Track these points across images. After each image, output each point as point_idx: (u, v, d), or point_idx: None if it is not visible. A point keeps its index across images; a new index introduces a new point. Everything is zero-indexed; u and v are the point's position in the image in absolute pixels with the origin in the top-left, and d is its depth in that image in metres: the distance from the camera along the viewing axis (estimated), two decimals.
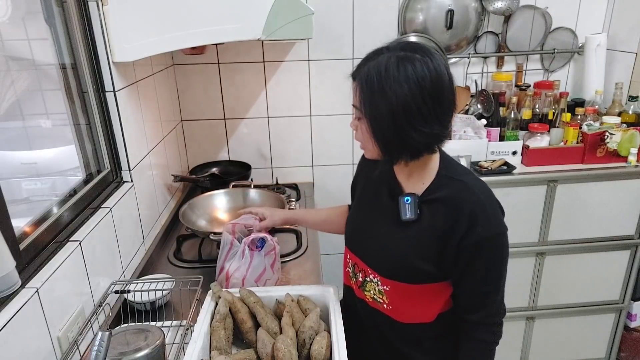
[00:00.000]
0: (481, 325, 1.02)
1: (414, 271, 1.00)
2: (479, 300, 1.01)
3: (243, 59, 2.12)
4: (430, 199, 0.99)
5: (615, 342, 2.25)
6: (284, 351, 0.95)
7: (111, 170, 1.41)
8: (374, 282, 1.06)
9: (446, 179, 0.99)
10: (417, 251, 0.99)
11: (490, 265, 0.97)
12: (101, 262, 1.23)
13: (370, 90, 0.91)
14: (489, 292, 0.99)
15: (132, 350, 0.96)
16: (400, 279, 1.02)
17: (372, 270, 1.06)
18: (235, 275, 1.26)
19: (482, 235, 0.93)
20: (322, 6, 2.03)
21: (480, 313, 1.01)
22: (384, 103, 0.89)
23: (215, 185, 1.95)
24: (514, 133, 2.02)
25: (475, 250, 0.94)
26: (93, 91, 1.33)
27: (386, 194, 1.06)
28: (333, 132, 2.27)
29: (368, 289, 1.09)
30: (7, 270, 0.82)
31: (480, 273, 0.97)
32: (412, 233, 0.99)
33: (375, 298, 1.08)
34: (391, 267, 1.02)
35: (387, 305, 1.06)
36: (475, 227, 0.93)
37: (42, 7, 1.21)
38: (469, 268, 0.97)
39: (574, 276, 2.10)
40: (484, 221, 0.93)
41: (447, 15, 2.10)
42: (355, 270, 1.12)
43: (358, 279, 1.11)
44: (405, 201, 0.99)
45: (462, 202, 0.95)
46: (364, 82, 0.92)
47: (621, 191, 1.95)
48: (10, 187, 1.27)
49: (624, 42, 2.13)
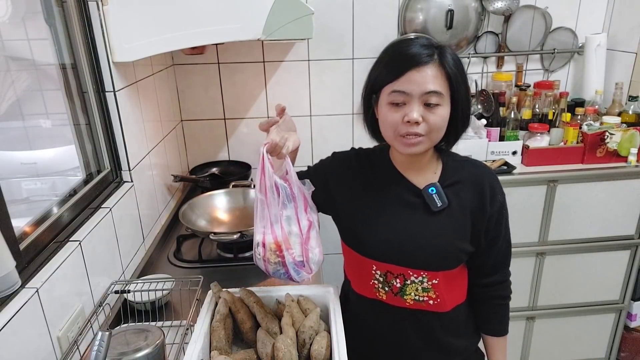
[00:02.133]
0: (500, 284, 1.12)
1: (458, 254, 1.04)
2: (500, 261, 1.10)
3: (243, 59, 2.12)
4: (450, 183, 1.04)
5: (615, 342, 2.25)
6: (284, 351, 0.95)
7: (111, 170, 1.41)
8: (416, 282, 1.04)
9: (454, 163, 1.07)
10: (457, 233, 1.03)
11: (507, 225, 1.09)
12: (101, 262, 1.23)
13: (459, 73, 0.96)
14: (507, 249, 1.10)
15: (132, 350, 0.96)
16: (448, 266, 1.04)
17: (415, 270, 1.03)
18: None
19: (500, 200, 1.05)
20: (322, 6, 2.03)
21: (499, 272, 1.11)
22: (464, 86, 0.98)
23: (215, 185, 1.95)
24: (514, 133, 2.02)
25: (498, 215, 1.05)
26: (93, 91, 1.33)
27: (407, 193, 1.05)
28: (333, 132, 2.27)
29: (408, 292, 1.05)
30: (7, 270, 0.82)
31: (502, 235, 1.07)
32: (445, 219, 1.03)
33: (417, 299, 1.06)
34: (438, 257, 1.03)
35: (433, 300, 1.05)
36: (496, 195, 1.04)
37: (42, 7, 1.21)
38: (494, 233, 1.05)
39: (574, 276, 2.10)
40: (499, 188, 1.06)
41: (447, 15, 2.10)
42: (387, 279, 1.06)
43: (394, 286, 1.06)
44: (431, 192, 1.02)
45: (480, 177, 1.05)
46: (452, 65, 0.95)
47: (621, 191, 1.95)
48: (10, 187, 1.27)
49: (624, 42, 2.13)
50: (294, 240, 1.04)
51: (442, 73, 0.94)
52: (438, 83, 0.93)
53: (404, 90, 0.93)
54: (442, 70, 0.94)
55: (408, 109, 0.94)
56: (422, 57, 0.93)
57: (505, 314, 1.15)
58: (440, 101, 0.94)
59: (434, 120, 0.94)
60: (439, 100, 0.94)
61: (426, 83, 0.92)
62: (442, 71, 0.94)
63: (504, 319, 1.15)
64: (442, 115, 0.95)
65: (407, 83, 0.93)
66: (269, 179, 0.99)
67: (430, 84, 0.92)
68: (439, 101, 0.94)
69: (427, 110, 0.94)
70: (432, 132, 0.96)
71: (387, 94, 0.96)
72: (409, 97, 0.94)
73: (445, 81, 0.94)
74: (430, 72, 0.93)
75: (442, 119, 0.96)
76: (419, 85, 0.92)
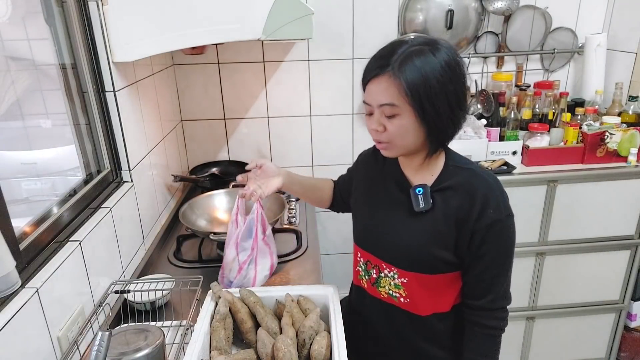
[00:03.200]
0: (487, 311, 1.04)
1: (432, 260, 1.02)
2: (486, 285, 1.02)
3: (243, 59, 2.12)
4: (441, 187, 1.02)
5: (615, 342, 2.25)
6: (284, 351, 0.95)
7: (111, 170, 1.41)
8: (389, 276, 1.07)
9: (454, 169, 1.03)
10: (435, 240, 1.01)
11: (500, 248, 1.00)
12: (101, 262, 1.23)
13: (420, 77, 0.89)
14: (497, 275, 1.02)
15: (132, 350, 0.96)
16: (420, 269, 1.03)
17: (388, 264, 1.06)
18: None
19: (493, 217, 0.97)
20: (322, 6, 2.03)
21: (486, 298, 1.03)
22: (433, 91, 0.90)
23: (215, 185, 1.95)
24: (514, 133, 2.02)
25: (487, 232, 0.97)
26: (93, 91, 1.33)
27: (396, 189, 1.08)
28: (333, 132, 2.27)
29: (382, 285, 1.09)
30: (7, 270, 0.82)
31: (490, 255, 1.00)
32: (427, 222, 1.01)
33: (390, 293, 1.08)
34: (410, 258, 1.03)
35: (403, 299, 1.07)
36: (487, 209, 0.97)
37: (42, 7, 1.21)
38: (480, 251, 0.99)
39: (574, 276, 2.10)
40: (494, 204, 0.98)
41: (447, 15, 2.10)
42: (367, 268, 1.12)
43: (371, 276, 1.11)
44: (417, 192, 1.02)
45: (473, 187, 0.99)
46: (412, 73, 0.89)
47: (621, 191, 1.95)
48: (10, 187, 1.27)
49: (624, 42, 2.13)
50: (233, 266, 1.30)
51: (396, 84, 0.90)
52: (390, 94, 0.92)
53: (367, 102, 0.98)
54: (396, 81, 0.90)
55: (372, 118, 0.99)
56: (372, 71, 0.95)
57: (491, 346, 1.05)
58: (395, 112, 0.93)
59: (390, 129, 0.96)
60: (394, 111, 0.94)
61: (379, 95, 0.94)
62: (396, 82, 0.90)
63: (489, 350, 1.06)
64: (400, 124, 0.94)
65: (368, 95, 0.97)
66: (234, 215, 1.29)
67: (381, 96, 0.94)
68: (393, 112, 0.94)
69: (386, 120, 0.96)
70: (394, 141, 0.98)
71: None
72: (372, 107, 0.98)
73: (400, 91, 0.90)
74: (381, 85, 0.93)
75: (400, 128, 0.95)
76: (373, 97, 0.96)
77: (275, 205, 1.68)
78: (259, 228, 1.29)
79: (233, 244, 1.28)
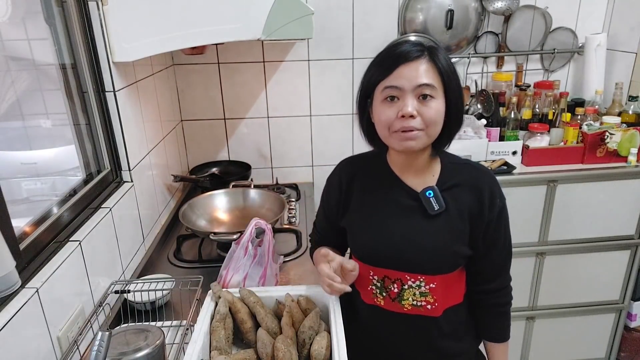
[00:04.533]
0: (501, 290, 1.10)
1: (456, 258, 1.03)
2: (499, 267, 1.08)
3: (243, 59, 2.12)
4: (448, 186, 1.03)
5: (615, 342, 2.25)
6: (284, 351, 0.95)
7: (111, 170, 1.41)
8: (414, 286, 1.03)
9: (452, 166, 1.06)
10: (454, 237, 1.02)
11: (507, 230, 1.07)
12: (101, 262, 1.23)
13: (451, 70, 0.96)
14: (507, 256, 1.09)
15: (132, 350, 0.96)
16: (445, 270, 1.03)
17: (412, 274, 1.03)
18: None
19: (500, 205, 1.03)
20: (322, 6, 2.03)
21: (499, 279, 1.09)
22: (456, 82, 0.97)
23: (215, 185, 1.95)
24: (514, 133, 2.02)
25: (498, 220, 1.03)
26: (93, 91, 1.33)
27: (402, 197, 1.05)
28: (333, 132, 2.27)
29: (406, 297, 1.05)
30: (7, 270, 0.82)
31: (501, 240, 1.06)
32: (443, 223, 1.02)
33: (414, 304, 1.05)
34: (435, 261, 1.02)
35: (430, 305, 1.05)
36: (495, 199, 1.02)
37: (42, 7, 1.21)
38: (494, 238, 1.04)
39: (574, 276, 2.10)
40: (498, 192, 1.04)
41: (447, 15, 2.10)
42: (385, 285, 1.06)
43: (391, 291, 1.06)
44: (428, 195, 1.01)
45: (479, 181, 1.03)
46: (443, 61, 0.95)
47: (621, 191, 1.95)
48: (10, 187, 1.27)
49: (624, 42, 2.13)
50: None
51: (434, 67, 0.94)
52: (430, 76, 0.94)
53: (396, 85, 0.94)
54: (433, 64, 0.94)
55: (402, 103, 0.94)
56: (412, 53, 0.94)
57: (506, 321, 1.13)
58: (433, 94, 0.94)
59: (429, 113, 0.94)
60: (433, 93, 0.94)
61: (418, 76, 0.93)
62: (434, 65, 0.95)
63: (504, 325, 1.13)
64: (437, 108, 0.95)
65: (399, 78, 0.94)
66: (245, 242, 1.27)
67: (422, 77, 0.93)
68: (432, 93, 0.94)
69: (421, 104, 0.94)
70: (429, 127, 0.95)
71: (380, 92, 0.97)
72: (401, 91, 0.94)
73: (437, 75, 0.95)
74: (421, 67, 0.94)
75: (437, 113, 0.95)
76: (410, 79, 0.93)
77: (275, 206, 1.68)
78: (269, 260, 1.32)
79: (242, 272, 1.26)
